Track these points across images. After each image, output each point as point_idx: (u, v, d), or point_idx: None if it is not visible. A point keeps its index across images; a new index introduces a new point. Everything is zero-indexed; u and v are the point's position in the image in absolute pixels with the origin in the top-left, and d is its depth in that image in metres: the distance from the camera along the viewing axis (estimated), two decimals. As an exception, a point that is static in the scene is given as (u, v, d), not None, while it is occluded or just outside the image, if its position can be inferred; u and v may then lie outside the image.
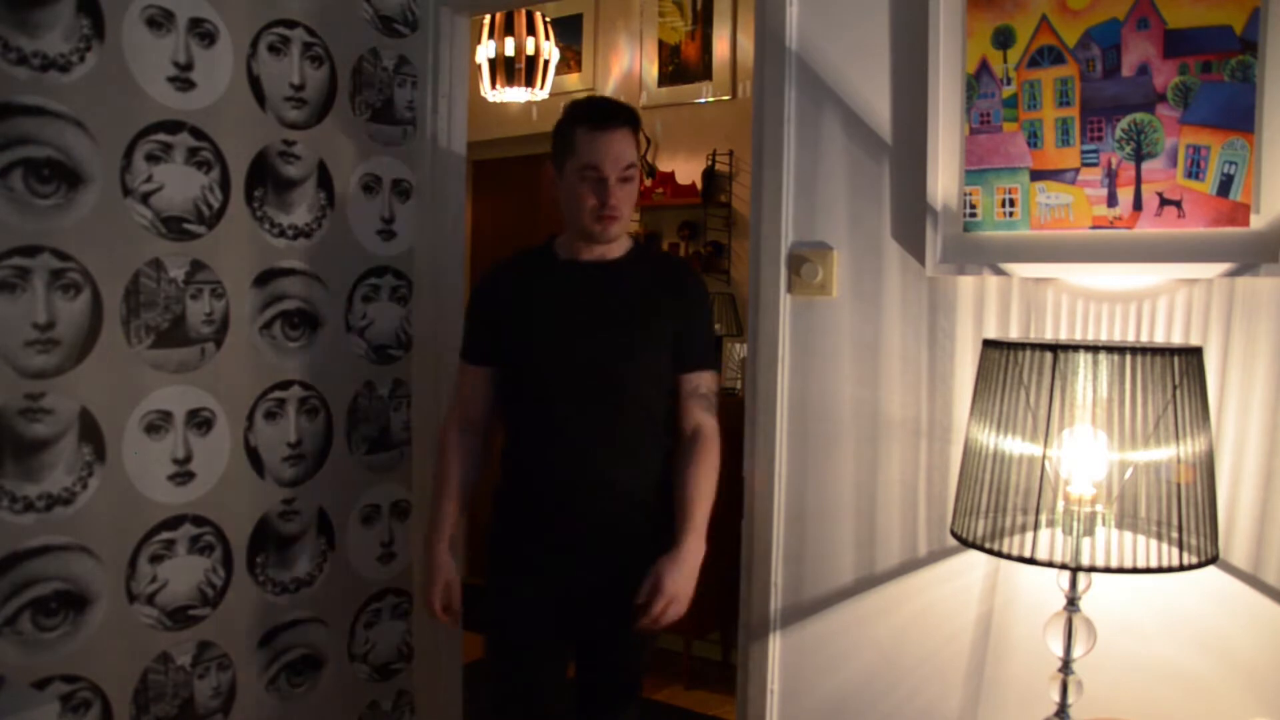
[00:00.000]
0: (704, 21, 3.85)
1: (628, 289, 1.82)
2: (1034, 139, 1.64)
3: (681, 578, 1.72)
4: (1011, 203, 1.67)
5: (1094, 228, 1.60)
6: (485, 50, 3.70)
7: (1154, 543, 1.34)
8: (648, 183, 3.82)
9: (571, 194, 1.77)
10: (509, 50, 3.65)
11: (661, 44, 3.95)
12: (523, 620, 1.85)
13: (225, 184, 2.10)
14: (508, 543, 1.88)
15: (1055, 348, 1.34)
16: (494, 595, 1.88)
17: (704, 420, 1.84)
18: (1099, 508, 1.36)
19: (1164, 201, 1.54)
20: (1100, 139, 1.59)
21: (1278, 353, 1.49)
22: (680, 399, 1.84)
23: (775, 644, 1.93)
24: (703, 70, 3.85)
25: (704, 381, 1.85)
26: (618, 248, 1.85)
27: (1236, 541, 1.52)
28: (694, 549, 1.75)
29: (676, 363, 1.83)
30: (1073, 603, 1.46)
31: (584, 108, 1.77)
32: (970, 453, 1.46)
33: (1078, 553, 1.35)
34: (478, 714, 2.61)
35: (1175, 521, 1.33)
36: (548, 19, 3.78)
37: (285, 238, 2.22)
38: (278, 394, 2.22)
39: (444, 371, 2.46)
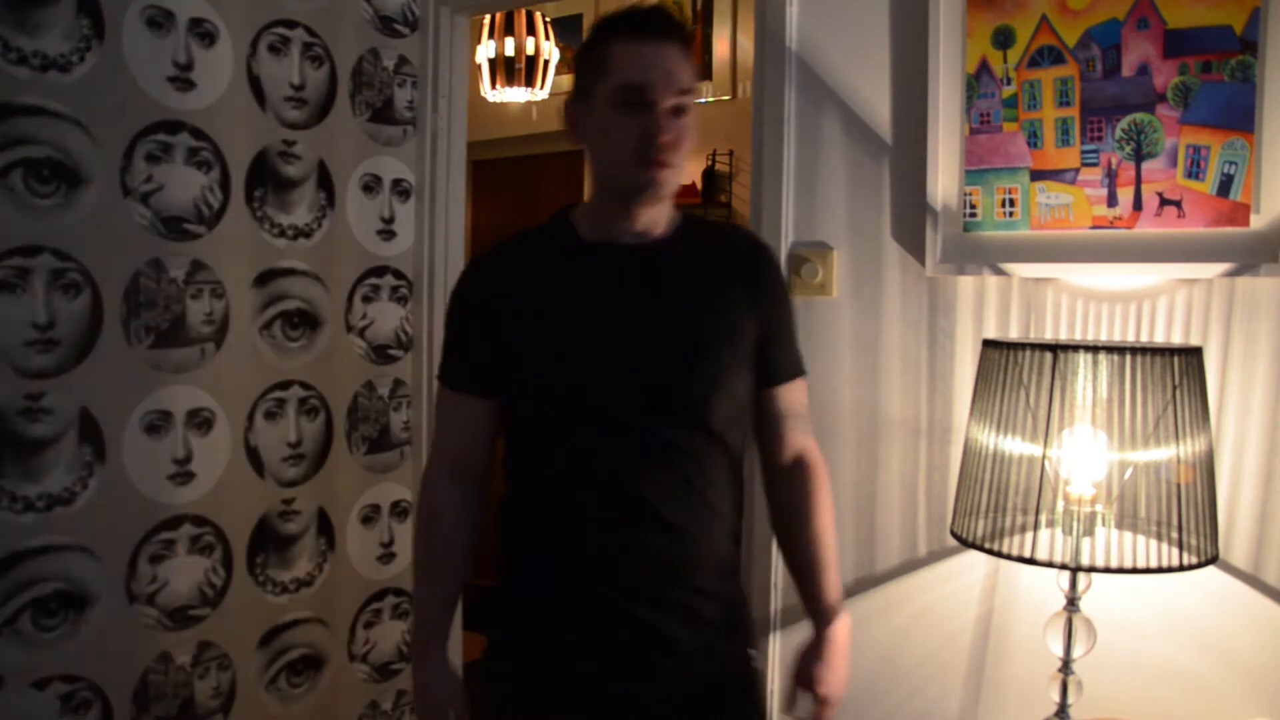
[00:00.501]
0: (704, 21, 3.84)
1: (688, 278, 1.31)
2: (1034, 139, 1.64)
3: (842, 673, 1.34)
4: (1011, 203, 1.67)
5: (1094, 228, 1.60)
6: (485, 50, 3.70)
7: (1154, 543, 1.34)
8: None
9: (603, 132, 1.24)
10: (509, 50, 3.65)
11: (661, 44, 3.95)
12: None
13: (225, 184, 2.10)
14: (530, 662, 1.34)
15: (1055, 348, 1.34)
16: None
17: (808, 445, 1.41)
18: (1099, 508, 1.36)
19: (1164, 201, 1.54)
20: (1100, 139, 1.59)
21: (1278, 353, 1.49)
22: (770, 422, 1.38)
23: (775, 644, 1.93)
24: (703, 70, 3.84)
25: (798, 395, 1.40)
26: (661, 219, 1.31)
27: (1236, 541, 1.52)
28: (847, 629, 1.36)
29: (762, 375, 1.35)
30: (1073, 603, 1.46)
31: (622, 16, 1.26)
32: (970, 453, 1.46)
33: (1078, 553, 1.35)
34: (478, 714, 2.61)
35: (1175, 521, 1.33)
36: (548, 19, 3.78)
37: (285, 238, 2.22)
38: (278, 394, 2.22)
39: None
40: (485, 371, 1.33)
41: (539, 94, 3.77)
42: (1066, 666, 1.46)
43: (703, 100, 3.84)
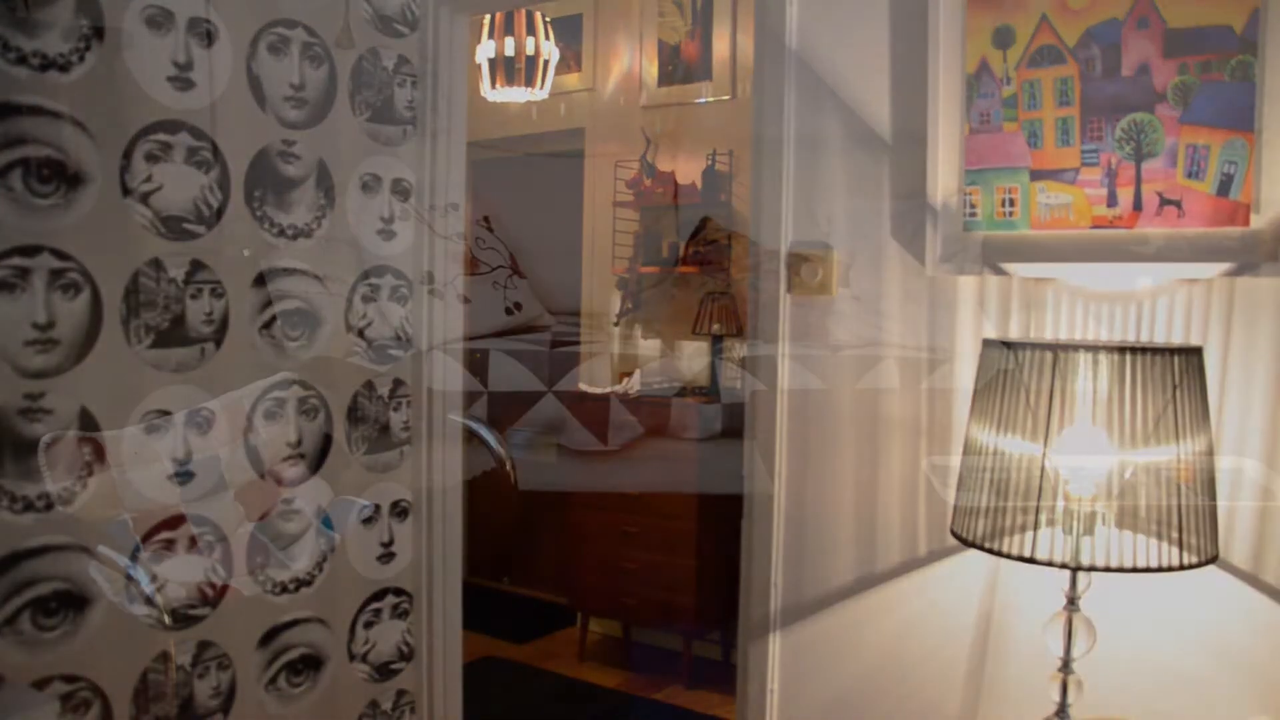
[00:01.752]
0: (704, 21, 3.85)
1: None
2: (1034, 139, 1.64)
3: None
4: (1011, 202, 1.67)
5: (1094, 227, 1.60)
6: (485, 50, 3.70)
7: (1154, 542, 1.34)
8: (647, 182, 3.81)
9: None
10: (509, 50, 3.65)
11: (661, 44, 3.95)
12: None
13: (225, 184, 2.10)
14: None
15: (1055, 347, 1.34)
16: None
17: None
18: (1099, 507, 1.36)
19: (1164, 201, 1.54)
20: (1100, 139, 1.59)
21: (1278, 353, 1.49)
22: None
23: (775, 644, 1.93)
24: (703, 70, 3.85)
25: None
26: None
27: (1236, 542, 1.52)
28: None
29: None
30: (1073, 602, 1.46)
31: None
32: (970, 452, 1.46)
33: (1078, 552, 1.35)
34: (478, 714, 2.61)
35: (1175, 521, 1.33)
36: (548, 19, 3.78)
37: (285, 238, 2.22)
38: (277, 394, 2.22)
39: (445, 371, 2.46)
40: None
41: (539, 94, 3.77)
42: (1066, 666, 1.46)
43: (702, 100, 3.85)
